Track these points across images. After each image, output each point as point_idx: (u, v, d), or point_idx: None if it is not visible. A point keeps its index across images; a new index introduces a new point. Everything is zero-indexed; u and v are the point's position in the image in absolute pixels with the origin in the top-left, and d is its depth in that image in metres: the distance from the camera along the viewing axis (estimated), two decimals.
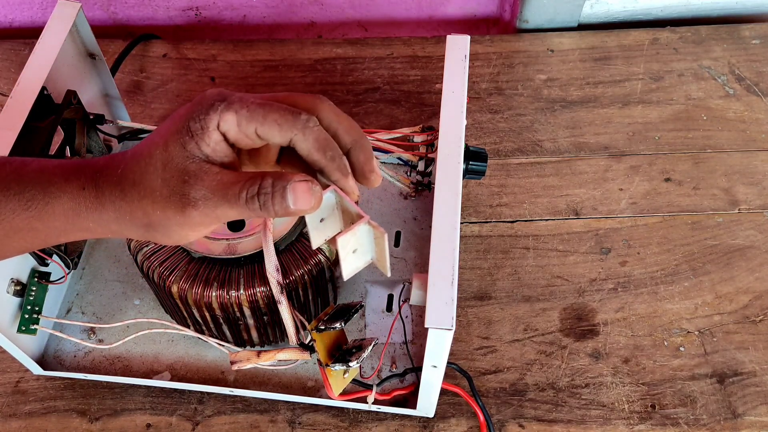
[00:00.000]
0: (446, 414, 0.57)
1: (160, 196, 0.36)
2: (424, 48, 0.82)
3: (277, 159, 0.41)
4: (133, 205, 0.37)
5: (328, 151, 0.37)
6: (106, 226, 0.38)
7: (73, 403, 0.59)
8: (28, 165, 0.38)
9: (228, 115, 0.35)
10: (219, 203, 0.35)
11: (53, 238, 0.39)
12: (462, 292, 0.64)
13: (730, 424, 0.57)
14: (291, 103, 0.37)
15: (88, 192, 0.37)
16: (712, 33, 0.82)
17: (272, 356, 0.50)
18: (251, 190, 0.35)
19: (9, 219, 0.37)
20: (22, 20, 0.87)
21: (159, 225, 0.37)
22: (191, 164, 0.35)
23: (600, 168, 0.72)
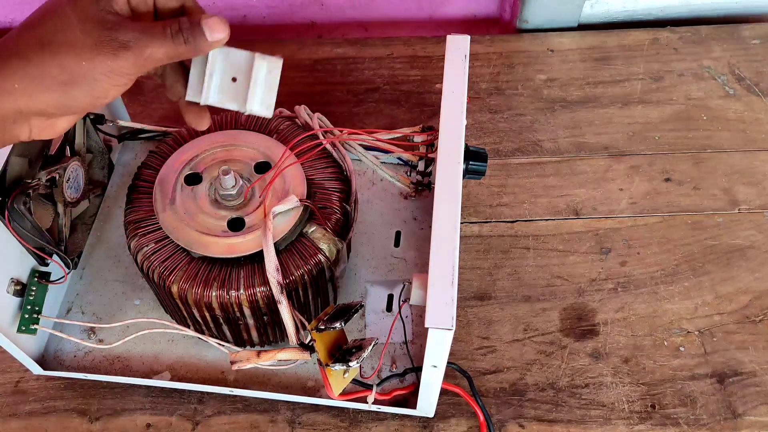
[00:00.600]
0: (446, 414, 0.57)
1: (84, 46, 0.36)
2: (425, 48, 0.82)
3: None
4: (45, 65, 0.36)
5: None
6: (11, 103, 0.37)
7: (73, 403, 0.59)
8: None
9: None
10: (148, 42, 0.37)
11: None
12: (462, 292, 0.64)
13: (730, 424, 0.57)
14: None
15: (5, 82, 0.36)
16: (712, 33, 0.82)
17: (272, 356, 0.50)
18: (173, 27, 0.38)
19: None
20: (21, 19, 0.87)
21: (83, 78, 0.37)
22: (108, 15, 0.37)
23: (600, 168, 0.72)
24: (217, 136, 0.59)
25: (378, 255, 0.64)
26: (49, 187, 0.55)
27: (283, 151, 0.56)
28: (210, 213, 0.54)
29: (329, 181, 0.57)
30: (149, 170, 0.57)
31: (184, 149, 0.58)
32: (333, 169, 0.58)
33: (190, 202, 0.55)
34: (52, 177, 0.54)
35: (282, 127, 0.59)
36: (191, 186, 0.55)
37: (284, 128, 0.59)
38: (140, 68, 0.39)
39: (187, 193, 0.55)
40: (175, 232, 0.52)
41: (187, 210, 0.54)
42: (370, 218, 0.66)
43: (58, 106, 0.38)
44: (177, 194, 0.55)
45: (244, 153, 0.57)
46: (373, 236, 0.65)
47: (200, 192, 0.55)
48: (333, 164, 0.58)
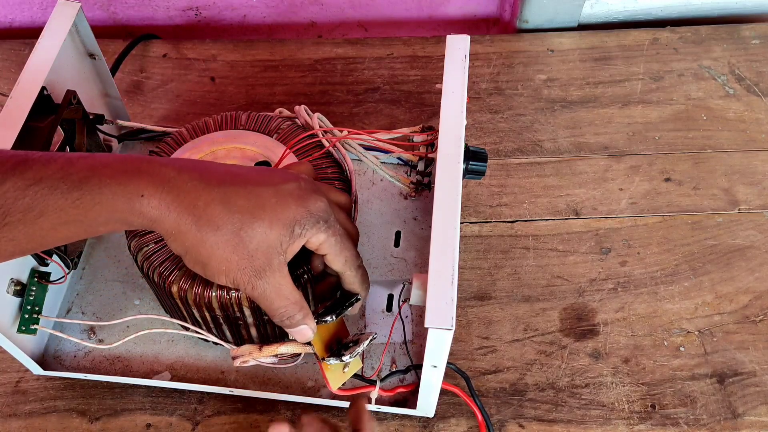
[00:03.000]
0: (446, 414, 0.57)
1: (237, 263, 0.41)
2: (424, 48, 0.82)
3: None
4: (205, 244, 0.41)
5: (364, 283, 0.50)
6: (152, 228, 0.41)
7: (73, 403, 0.59)
8: (74, 163, 0.39)
9: (321, 236, 0.44)
10: (265, 302, 0.44)
11: (96, 231, 0.40)
12: (462, 292, 0.64)
13: (730, 424, 0.57)
14: (336, 201, 0.49)
15: (148, 200, 0.39)
16: (712, 33, 0.82)
17: (274, 349, 0.50)
18: (284, 315, 0.45)
19: (57, 216, 0.38)
20: (22, 20, 0.87)
21: (212, 271, 0.42)
22: (276, 258, 0.42)
23: (600, 168, 0.72)
24: (217, 135, 0.59)
25: (378, 255, 0.64)
26: None
27: (284, 151, 0.56)
28: None
29: (329, 180, 0.57)
30: None
31: (184, 149, 0.58)
32: (333, 169, 0.58)
33: None
34: None
35: (282, 127, 0.59)
36: None
37: (284, 128, 0.59)
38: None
39: None
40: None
41: None
42: (370, 218, 0.66)
43: (175, 252, 0.43)
44: None
45: (244, 153, 0.57)
46: (373, 236, 0.65)
47: None
48: (333, 164, 0.58)
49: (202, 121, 0.60)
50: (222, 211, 0.40)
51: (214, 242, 0.40)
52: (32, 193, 0.37)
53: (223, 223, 0.40)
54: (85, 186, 0.38)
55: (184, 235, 0.40)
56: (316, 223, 0.43)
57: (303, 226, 0.42)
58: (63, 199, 0.38)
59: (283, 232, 0.42)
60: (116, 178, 0.39)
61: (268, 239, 0.41)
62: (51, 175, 0.38)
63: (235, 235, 0.41)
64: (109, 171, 0.39)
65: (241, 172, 0.43)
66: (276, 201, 0.41)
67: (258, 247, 0.41)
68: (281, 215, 0.41)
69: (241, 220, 0.41)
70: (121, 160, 0.40)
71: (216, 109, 0.77)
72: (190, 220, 0.40)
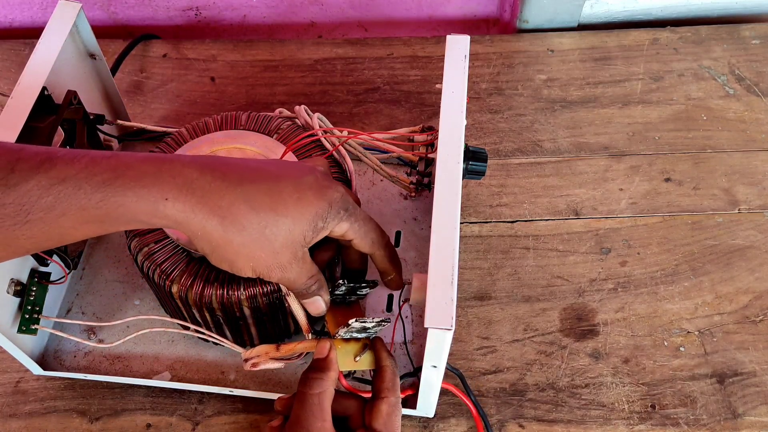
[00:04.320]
0: (446, 414, 0.57)
1: (264, 260, 0.42)
2: (424, 48, 0.82)
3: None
4: (232, 243, 0.41)
5: (395, 259, 0.51)
6: (177, 228, 0.41)
7: (73, 403, 0.59)
8: (98, 163, 0.39)
9: (344, 224, 0.45)
10: (287, 284, 0.46)
11: (116, 229, 0.41)
12: (462, 292, 0.64)
13: (730, 424, 0.57)
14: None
15: (173, 204, 0.39)
16: (712, 33, 0.82)
17: (292, 348, 0.49)
18: (302, 288, 0.46)
19: (78, 215, 0.38)
20: (22, 20, 0.87)
21: (238, 267, 0.43)
22: (300, 250, 0.44)
23: (600, 168, 0.72)
24: (217, 136, 0.59)
25: None
26: None
27: (284, 151, 0.56)
28: None
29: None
30: None
31: (184, 149, 0.58)
32: (333, 169, 0.58)
33: None
34: None
35: (282, 127, 0.59)
36: None
37: (284, 128, 0.59)
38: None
39: None
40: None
41: None
42: None
43: (195, 247, 0.43)
44: None
45: (244, 153, 0.57)
46: None
47: None
48: (333, 164, 0.58)
49: (202, 121, 0.60)
50: (246, 210, 0.41)
51: (240, 242, 0.41)
52: (56, 192, 0.37)
53: (248, 222, 0.41)
54: (109, 188, 0.38)
55: (210, 236, 0.41)
56: (338, 214, 0.44)
57: (325, 219, 0.43)
58: (86, 200, 0.38)
59: (306, 228, 0.43)
60: (140, 180, 0.39)
61: (293, 235, 0.42)
62: (75, 174, 0.38)
63: (260, 234, 0.41)
64: (132, 173, 0.39)
65: (261, 167, 0.44)
66: (297, 196, 0.42)
67: (283, 244, 0.42)
68: (304, 210, 0.42)
69: (265, 219, 0.41)
70: (143, 161, 0.40)
71: (216, 110, 0.77)
72: (216, 222, 0.40)
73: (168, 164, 0.40)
